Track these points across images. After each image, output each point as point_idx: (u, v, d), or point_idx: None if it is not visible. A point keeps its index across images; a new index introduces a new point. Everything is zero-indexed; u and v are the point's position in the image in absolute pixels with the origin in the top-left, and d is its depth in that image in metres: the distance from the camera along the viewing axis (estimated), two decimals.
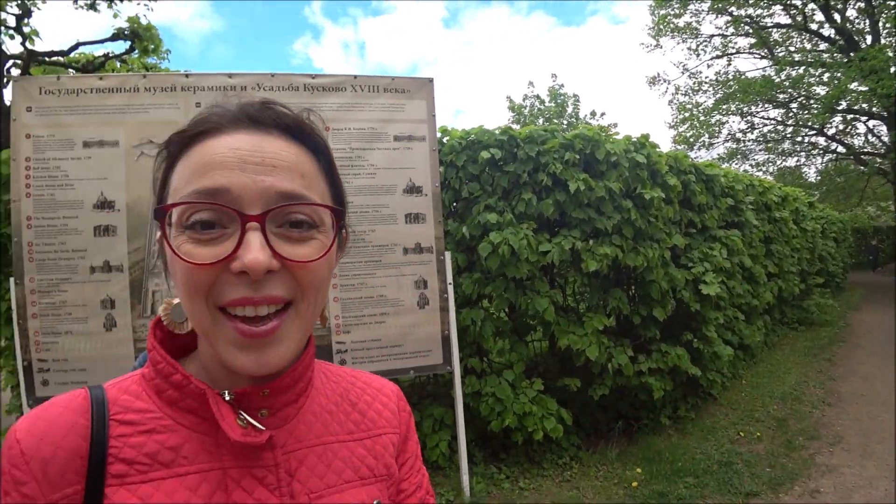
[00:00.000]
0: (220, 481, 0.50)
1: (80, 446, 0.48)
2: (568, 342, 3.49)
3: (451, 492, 3.29)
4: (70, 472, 0.47)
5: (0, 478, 0.46)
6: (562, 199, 3.45)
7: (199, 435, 0.51)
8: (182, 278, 0.48)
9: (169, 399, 0.51)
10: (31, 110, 2.84)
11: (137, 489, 0.48)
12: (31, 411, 0.50)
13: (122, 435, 0.50)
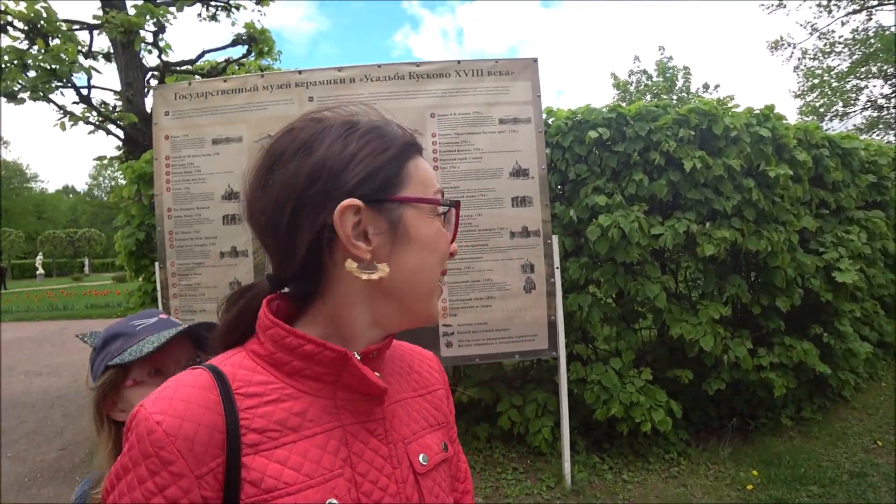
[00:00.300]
0: (342, 437, 0.58)
1: (217, 420, 0.52)
2: (680, 331, 3.30)
3: (552, 478, 3.25)
4: (212, 445, 0.51)
5: (144, 461, 0.49)
6: (676, 179, 3.24)
7: (320, 399, 0.58)
8: (438, 248, 0.62)
9: (291, 370, 0.57)
10: (169, 114, 3.13)
11: (272, 454, 0.53)
12: (158, 394, 0.53)
13: (250, 407, 0.54)
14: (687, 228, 3.21)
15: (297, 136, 0.58)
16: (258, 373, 0.57)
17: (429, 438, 0.67)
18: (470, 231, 2.89)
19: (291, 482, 0.53)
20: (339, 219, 0.55)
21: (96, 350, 1.02)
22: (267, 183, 0.57)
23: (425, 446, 0.66)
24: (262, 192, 0.58)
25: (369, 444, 0.59)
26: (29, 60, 5.06)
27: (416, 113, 2.89)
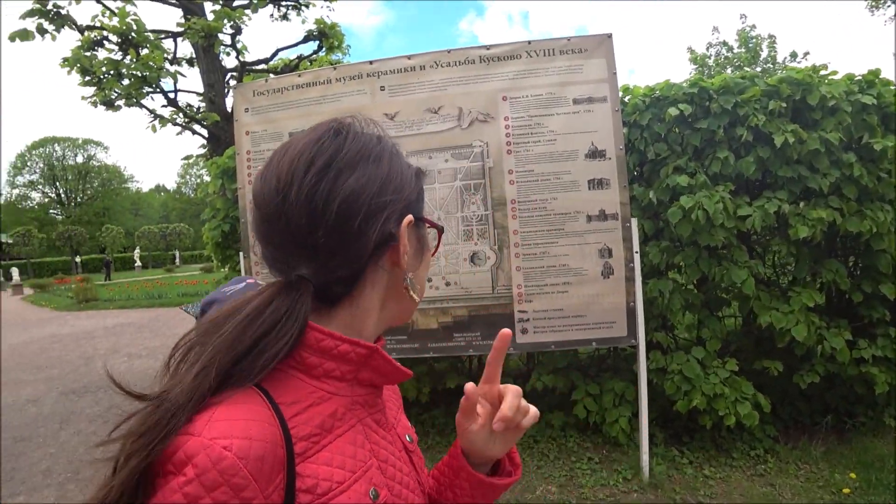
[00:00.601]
0: (362, 430, 0.61)
1: (277, 435, 0.51)
2: (770, 319, 3.08)
3: (629, 470, 3.16)
4: (277, 461, 0.50)
5: (209, 494, 0.45)
6: (765, 156, 3.01)
7: (341, 398, 0.60)
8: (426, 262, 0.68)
9: (321, 372, 0.58)
10: (248, 111, 3.28)
11: (318, 458, 0.54)
12: (209, 416, 0.49)
13: (294, 415, 0.54)
14: (778, 209, 2.99)
15: (350, 140, 0.59)
16: (290, 380, 0.57)
17: (403, 418, 0.74)
18: (545, 215, 2.83)
19: (341, 480, 0.55)
20: (405, 231, 0.59)
21: (196, 318, 1.10)
22: (326, 178, 0.56)
23: (405, 426, 0.73)
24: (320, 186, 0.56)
25: (379, 432, 0.64)
26: (123, 70, 5.48)
27: (487, 97, 2.86)
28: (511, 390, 0.66)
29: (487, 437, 0.68)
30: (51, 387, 6.51)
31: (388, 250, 0.60)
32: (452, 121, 2.89)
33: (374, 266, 0.60)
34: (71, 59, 5.63)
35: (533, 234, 2.84)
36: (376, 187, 0.58)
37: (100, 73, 5.43)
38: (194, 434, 0.47)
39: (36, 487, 3.68)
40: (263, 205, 0.58)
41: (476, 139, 2.88)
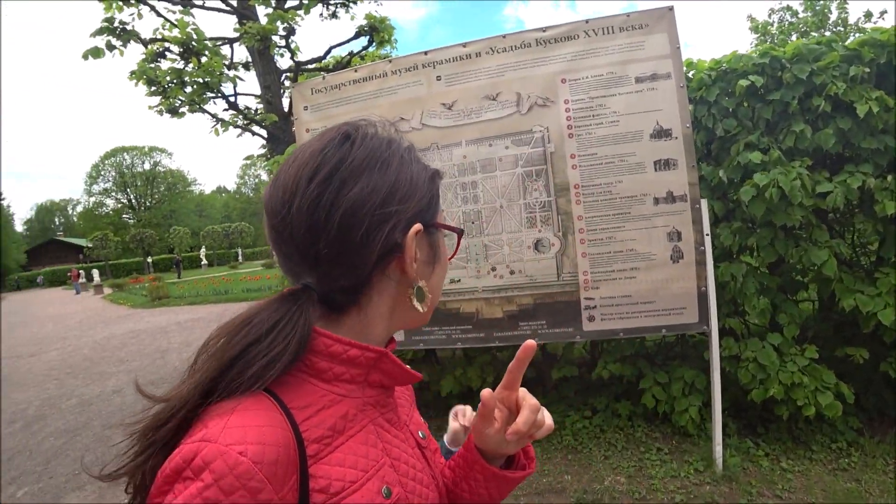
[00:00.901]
0: (374, 430, 0.62)
1: (289, 438, 0.52)
2: (854, 303, 2.88)
3: (701, 462, 3.05)
4: (290, 464, 0.51)
5: (227, 498, 0.46)
6: (846, 127, 2.79)
7: (352, 399, 0.61)
8: (439, 271, 0.67)
9: (331, 376, 0.59)
10: (307, 109, 3.35)
11: (331, 459, 0.55)
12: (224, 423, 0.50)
13: (306, 419, 0.55)
14: (862, 184, 2.78)
15: (356, 147, 0.59)
16: (302, 385, 0.58)
17: (416, 415, 0.75)
18: (610, 199, 2.75)
19: (354, 479, 0.56)
20: (411, 241, 0.59)
21: None
22: (328, 189, 0.56)
23: (418, 423, 0.74)
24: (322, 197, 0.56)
25: (391, 431, 0.65)
26: (186, 78, 5.75)
27: (545, 80, 2.80)
28: (529, 405, 0.66)
29: (501, 440, 0.69)
30: (132, 378, 6.98)
31: (394, 259, 0.59)
32: (511, 107, 2.85)
33: (380, 275, 0.60)
34: (138, 71, 5.96)
35: (598, 219, 2.77)
36: (381, 197, 0.57)
37: (164, 83, 5.73)
38: (211, 441, 0.48)
39: None
40: (272, 214, 0.59)
41: (536, 124, 2.83)
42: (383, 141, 0.61)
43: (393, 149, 0.61)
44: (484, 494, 0.75)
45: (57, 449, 4.58)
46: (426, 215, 0.62)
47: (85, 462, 4.24)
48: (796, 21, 17.83)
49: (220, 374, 0.54)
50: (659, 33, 2.69)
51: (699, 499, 2.76)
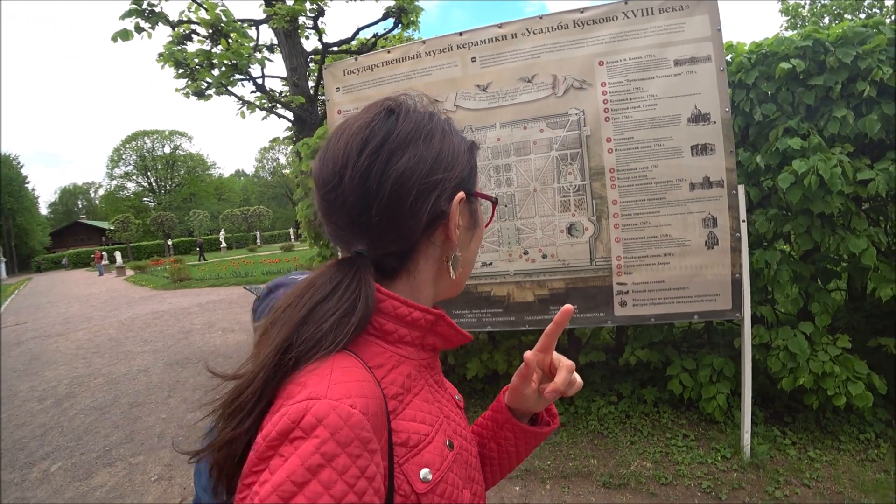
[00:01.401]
0: (429, 389, 0.67)
1: (380, 394, 0.56)
2: (891, 293, 2.83)
3: (728, 449, 3.05)
4: (384, 417, 0.55)
5: (344, 449, 0.48)
6: (890, 113, 2.73)
7: (412, 360, 0.65)
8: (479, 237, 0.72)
9: (396, 338, 0.63)
10: (339, 90, 3.35)
11: (404, 415, 0.60)
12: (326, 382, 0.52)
13: (382, 377, 0.59)
14: None
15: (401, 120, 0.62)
16: (371, 346, 0.62)
17: (447, 382, 0.77)
18: (646, 184, 2.73)
19: (426, 434, 0.61)
20: (455, 208, 0.63)
21: (260, 298, 1.25)
22: (378, 160, 0.59)
23: (452, 387, 0.78)
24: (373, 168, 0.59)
25: (439, 392, 0.70)
26: (214, 60, 5.78)
27: (582, 62, 2.77)
28: (565, 365, 0.72)
29: (536, 398, 0.76)
30: (157, 358, 7.15)
31: (439, 226, 0.63)
32: (547, 89, 2.83)
33: (426, 241, 0.64)
34: (166, 54, 6.00)
35: (633, 203, 2.76)
36: (427, 167, 0.60)
37: (193, 65, 5.76)
38: (319, 397, 0.49)
39: (153, 448, 4.07)
40: (322, 185, 0.62)
41: (572, 107, 2.81)
42: (425, 114, 0.64)
43: (434, 121, 0.64)
44: (512, 451, 0.82)
45: (87, 426, 4.72)
46: (468, 184, 0.66)
47: (113, 440, 4.37)
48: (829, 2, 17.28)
49: (293, 334, 0.56)
50: (699, 15, 2.64)
51: (726, 485, 2.77)
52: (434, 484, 0.59)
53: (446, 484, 0.61)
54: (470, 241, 0.70)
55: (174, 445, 4.03)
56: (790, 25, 17.92)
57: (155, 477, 3.59)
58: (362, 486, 0.48)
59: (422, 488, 0.57)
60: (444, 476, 0.61)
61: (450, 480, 0.62)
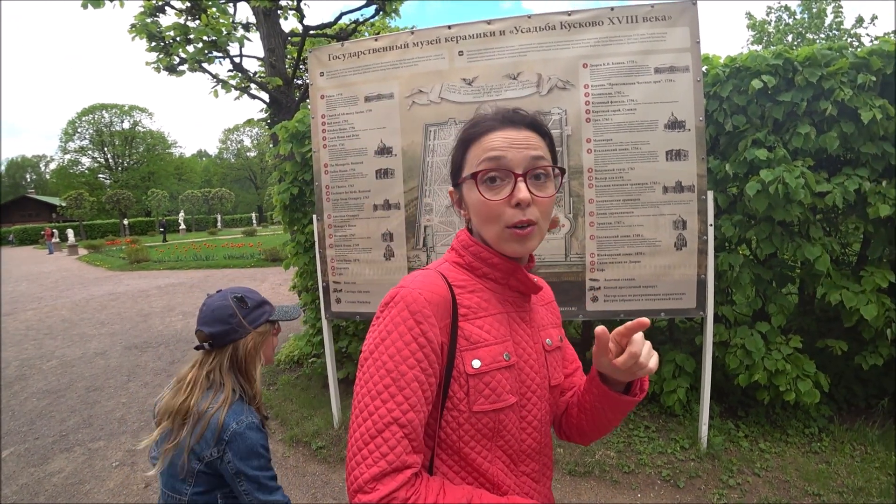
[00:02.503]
0: (507, 319, 0.92)
1: (447, 296, 0.86)
2: (840, 298, 3.04)
3: (686, 440, 3.22)
4: (446, 309, 0.85)
5: (413, 316, 0.80)
6: (849, 132, 2.92)
7: (496, 294, 0.93)
8: (482, 211, 0.86)
9: (481, 273, 0.92)
10: (324, 75, 3.33)
11: (474, 322, 0.87)
12: (411, 279, 0.87)
13: (459, 293, 0.89)
14: (858, 186, 2.92)
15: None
16: (460, 273, 0.92)
17: (551, 331, 1.02)
18: (622, 185, 2.83)
19: (486, 339, 0.87)
20: (452, 197, 0.97)
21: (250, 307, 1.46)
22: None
23: (549, 335, 1.00)
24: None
25: (521, 326, 0.93)
26: (191, 35, 5.60)
27: (567, 63, 2.85)
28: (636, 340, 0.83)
29: (614, 368, 0.85)
30: (114, 341, 6.92)
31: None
32: (531, 87, 2.90)
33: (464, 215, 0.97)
34: (138, 26, 5.78)
35: (609, 203, 2.86)
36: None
37: (168, 39, 5.57)
38: (405, 287, 0.84)
39: (113, 434, 3.97)
40: None
41: (555, 106, 2.88)
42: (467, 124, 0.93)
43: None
44: (598, 408, 0.96)
45: (41, 410, 4.55)
46: (455, 178, 0.94)
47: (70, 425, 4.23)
48: (793, 22, 18.09)
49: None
50: (681, 27, 2.75)
51: (684, 474, 2.93)
52: (481, 373, 0.85)
53: (492, 378, 0.85)
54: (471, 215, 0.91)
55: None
56: (756, 40, 18.68)
57: (116, 462, 3.51)
58: (421, 341, 0.80)
59: (471, 371, 0.84)
60: (490, 372, 0.85)
61: (496, 378, 0.86)
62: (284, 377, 4.88)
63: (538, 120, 0.90)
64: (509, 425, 0.88)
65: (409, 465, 0.75)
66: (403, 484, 0.73)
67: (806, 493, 2.74)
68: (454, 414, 0.84)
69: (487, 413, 0.85)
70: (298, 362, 5.27)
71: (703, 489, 2.82)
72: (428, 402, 0.80)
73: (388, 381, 0.77)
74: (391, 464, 0.73)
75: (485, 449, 0.87)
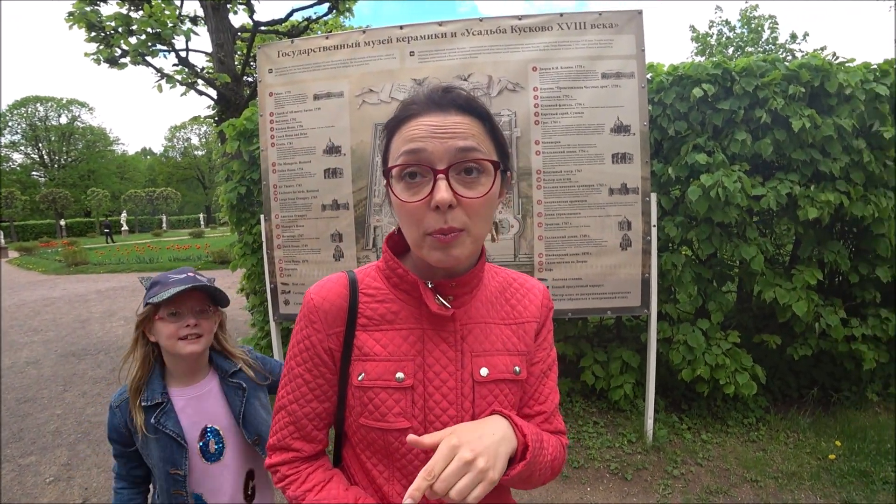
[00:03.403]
0: (420, 336, 0.82)
1: (342, 304, 0.83)
2: (774, 295, 3.22)
3: (633, 434, 3.33)
4: (338, 319, 0.83)
5: (305, 317, 0.84)
6: (781, 139, 3.09)
7: (410, 307, 0.83)
8: (401, 214, 0.75)
9: (393, 283, 0.84)
10: (272, 72, 3.25)
11: (373, 334, 0.82)
12: (317, 283, 0.87)
13: (366, 301, 0.84)
14: (790, 190, 3.09)
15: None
16: (376, 281, 0.86)
17: (498, 359, 0.84)
18: (569, 187, 2.89)
19: (379, 353, 0.81)
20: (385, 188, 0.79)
21: (146, 290, 1.39)
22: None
23: (491, 364, 0.83)
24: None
25: (440, 346, 0.81)
26: (134, 26, 5.36)
27: (517, 66, 2.89)
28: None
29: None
30: (49, 349, 6.52)
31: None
32: (482, 89, 2.92)
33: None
34: (77, 14, 5.48)
35: (556, 204, 2.91)
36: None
37: (108, 29, 5.31)
38: (310, 291, 0.86)
39: (47, 447, 3.73)
40: None
41: (505, 108, 2.92)
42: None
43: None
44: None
45: None
46: (383, 169, 0.79)
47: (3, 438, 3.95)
48: (733, 36, 19.13)
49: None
50: (627, 34, 2.84)
51: (632, 466, 3.02)
52: (365, 387, 0.81)
53: (375, 396, 0.80)
54: (397, 219, 0.78)
55: None
56: (699, 51, 19.66)
57: (51, 478, 3.30)
58: (307, 343, 0.84)
59: (356, 383, 0.82)
60: (374, 389, 0.80)
61: (381, 397, 0.80)
62: None
63: (473, 101, 0.75)
64: (406, 451, 0.80)
65: (294, 448, 0.86)
66: (286, 462, 0.86)
67: (745, 480, 2.88)
68: (350, 420, 0.86)
69: (374, 429, 0.81)
70: None
71: (650, 480, 2.91)
72: (319, 399, 0.85)
73: (285, 372, 0.88)
74: (279, 442, 0.87)
75: (381, 464, 0.83)
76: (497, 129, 0.78)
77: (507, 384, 0.84)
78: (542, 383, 0.91)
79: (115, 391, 1.41)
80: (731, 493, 2.78)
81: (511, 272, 0.97)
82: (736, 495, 2.77)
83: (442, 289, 0.81)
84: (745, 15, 18.92)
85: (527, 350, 0.88)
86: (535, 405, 0.89)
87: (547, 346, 0.93)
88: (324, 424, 0.88)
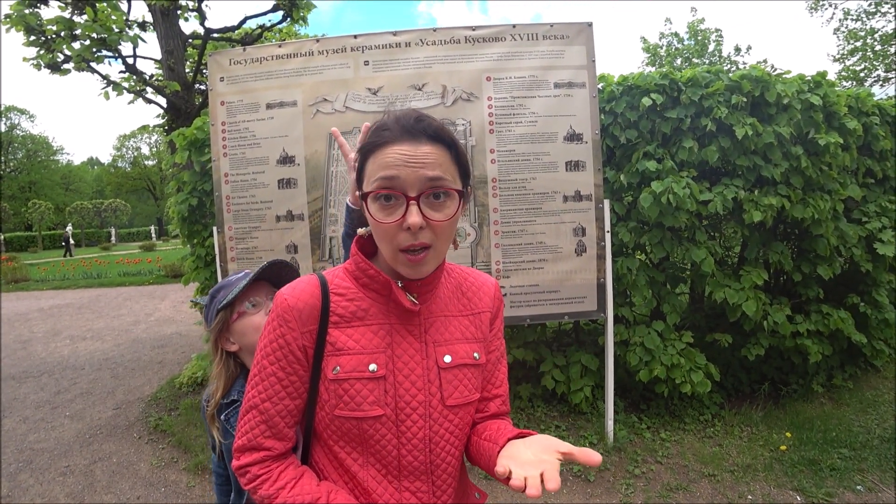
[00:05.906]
0: (389, 331, 0.91)
1: (315, 303, 0.90)
2: (724, 296, 3.34)
3: (594, 435, 3.38)
4: (311, 318, 0.89)
5: (276, 318, 0.89)
6: (726, 146, 3.22)
7: (379, 304, 0.92)
8: (376, 230, 0.85)
9: (363, 283, 0.92)
10: (224, 80, 3.17)
11: (345, 331, 0.90)
12: (288, 286, 0.93)
13: (336, 300, 0.91)
14: (735, 195, 3.22)
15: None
16: (345, 281, 0.93)
17: (459, 347, 0.95)
18: (524, 195, 2.93)
19: (352, 347, 0.89)
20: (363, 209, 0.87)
21: (206, 305, 1.32)
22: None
23: (453, 351, 0.94)
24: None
25: (406, 339, 0.91)
26: (77, 31, 5.12)
27: (471, 76, 2.91)
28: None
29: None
30: None
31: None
32: (436, 98, 2.93)
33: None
34: (14, 17, 5.21)
35: (512, 212, 2.95)
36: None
37: (49, 33, 5.06)
38: (282, 291, 0.91)
39: None
40: None
41: (460, 117, 2.93)
42: None
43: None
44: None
45: None
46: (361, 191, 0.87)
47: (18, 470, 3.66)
48: (682, 47, 19.94)
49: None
50: (578, 45, 2.91)
51: (594, 468, 3.06)
52: (340, 379, 0.88)
53: (350, 387, 0.88)
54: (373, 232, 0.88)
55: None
56: (650, 62, 20.42)
57: None
58: (280, 342, 0.89)
59: (331, 376, 0.88)
60: (349, 380, 0.88)
61: (356, 387, 0.88)
62: (187, 401, 4.55)
63: (442, 131, 0.84)
64: (379, 437, 0.90)
65: (265, 447, 0.90)
66: (257, 462, 0.89)
67: (703, 475, 2.97)
68: (322, 414, 0.91)
69: (349, 419, 0.89)
70: (202, 383, 4.93)
71: (612, 480, 2.96)
72: (291, 396, 0.91)
73: (256, 371, 0.92)
74: (249, 442, 0.90)
75: (355, 451, 0.92)
76: (462, 156, 0.88)
77: (468, 368, 0.96)
78: (497, 369, 1.04)
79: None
80: (690, 488, 2.86)
81: (465, 269, 1.07)
82: (695, 490, 2.84)
83: (409, 287, 0.92)
84: (693, 27, 19.77)
85: (483, 337, 1.00)
86: (493, 389, 1.03)
87: (500, 336, 1.06)
88: (294, 422, 0.93)
